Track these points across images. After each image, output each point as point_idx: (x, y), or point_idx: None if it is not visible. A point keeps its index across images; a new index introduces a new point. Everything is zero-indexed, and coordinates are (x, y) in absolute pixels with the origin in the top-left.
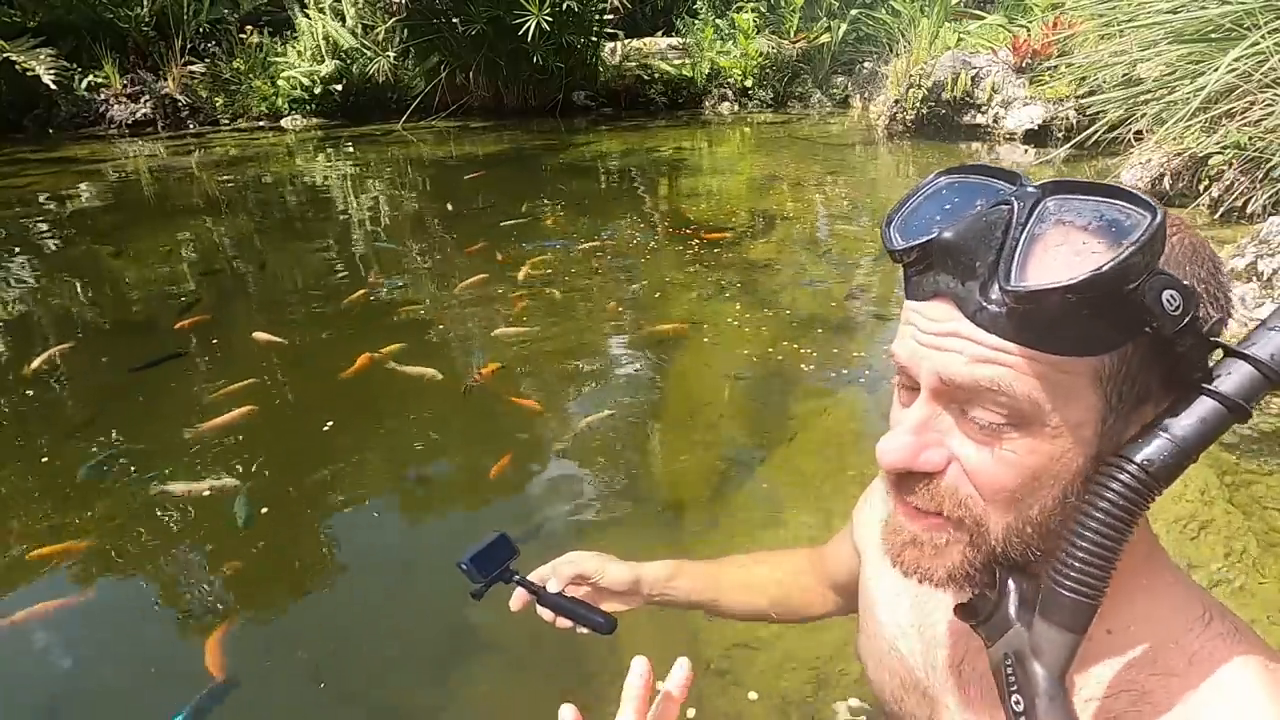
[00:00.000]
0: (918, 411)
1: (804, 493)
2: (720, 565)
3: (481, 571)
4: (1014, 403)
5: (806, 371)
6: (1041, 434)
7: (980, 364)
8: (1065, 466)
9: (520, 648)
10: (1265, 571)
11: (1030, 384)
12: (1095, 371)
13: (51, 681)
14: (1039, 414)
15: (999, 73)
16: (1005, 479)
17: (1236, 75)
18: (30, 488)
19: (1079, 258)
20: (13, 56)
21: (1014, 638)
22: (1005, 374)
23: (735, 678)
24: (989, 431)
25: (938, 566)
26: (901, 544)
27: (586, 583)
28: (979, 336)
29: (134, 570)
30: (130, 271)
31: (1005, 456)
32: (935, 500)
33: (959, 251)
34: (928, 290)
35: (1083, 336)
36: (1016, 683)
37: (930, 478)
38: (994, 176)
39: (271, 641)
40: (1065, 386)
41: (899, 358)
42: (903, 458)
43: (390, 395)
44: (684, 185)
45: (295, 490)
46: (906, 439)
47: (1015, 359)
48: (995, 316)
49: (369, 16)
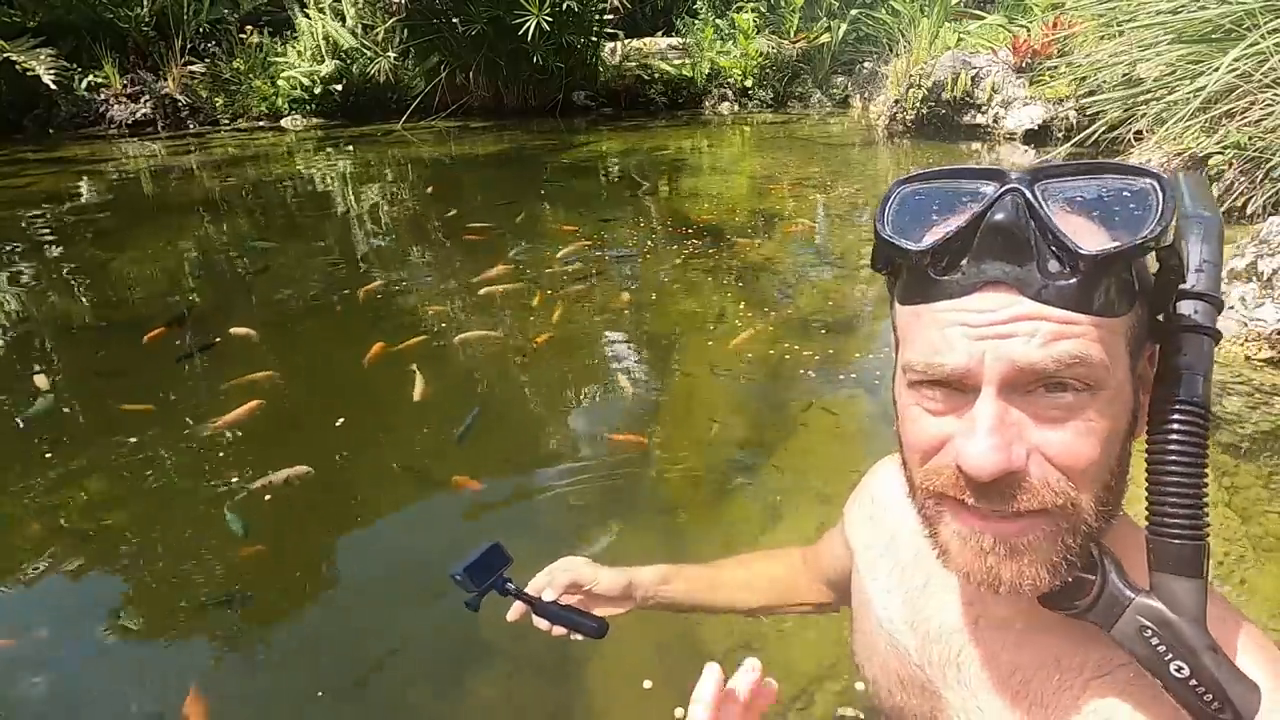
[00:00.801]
0: (989, 410)
1: (804, 493)
2: (714, 568)
3: (475, 581)
4: (1091, 371)
5: (806, 371)
6: (1105, 398)
7: (1057, 341)
8: (1123, 422)
9: (521, 651)
10: (1263, 574)
11: (1098, 349)
12: (1124, 329)
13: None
14: (1106, 377)
15: (999, 73)
16: (1089, 450)
17: (1236, 75)
18: (34, 486)
19: (1104, 227)
20: (13, 56)
21: (1143, 607)
22: (1081, 345)
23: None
24: (1064, 408)
25: (1042, 569)
26: (997, 561)
27: (580, 590)
28: (1048, 313)
29: (131, 568)
30: (130, 271)
31: (1086, 428)
32: (1035, 496)
33: (1011, 231)
34: (971, 281)
35: (1125, 295)
36: (1170, 649)
37: (1018, 478)
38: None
39: (270, 645)
40: (1114, 347)
41: (949, 364)
42: (1002, 459)
43: (390, 394)
44: (684, 185)
45: (300, 489)
46: (994, 440)
47: (1085, 328)
48: (1063, 289)
49: (369, 16)
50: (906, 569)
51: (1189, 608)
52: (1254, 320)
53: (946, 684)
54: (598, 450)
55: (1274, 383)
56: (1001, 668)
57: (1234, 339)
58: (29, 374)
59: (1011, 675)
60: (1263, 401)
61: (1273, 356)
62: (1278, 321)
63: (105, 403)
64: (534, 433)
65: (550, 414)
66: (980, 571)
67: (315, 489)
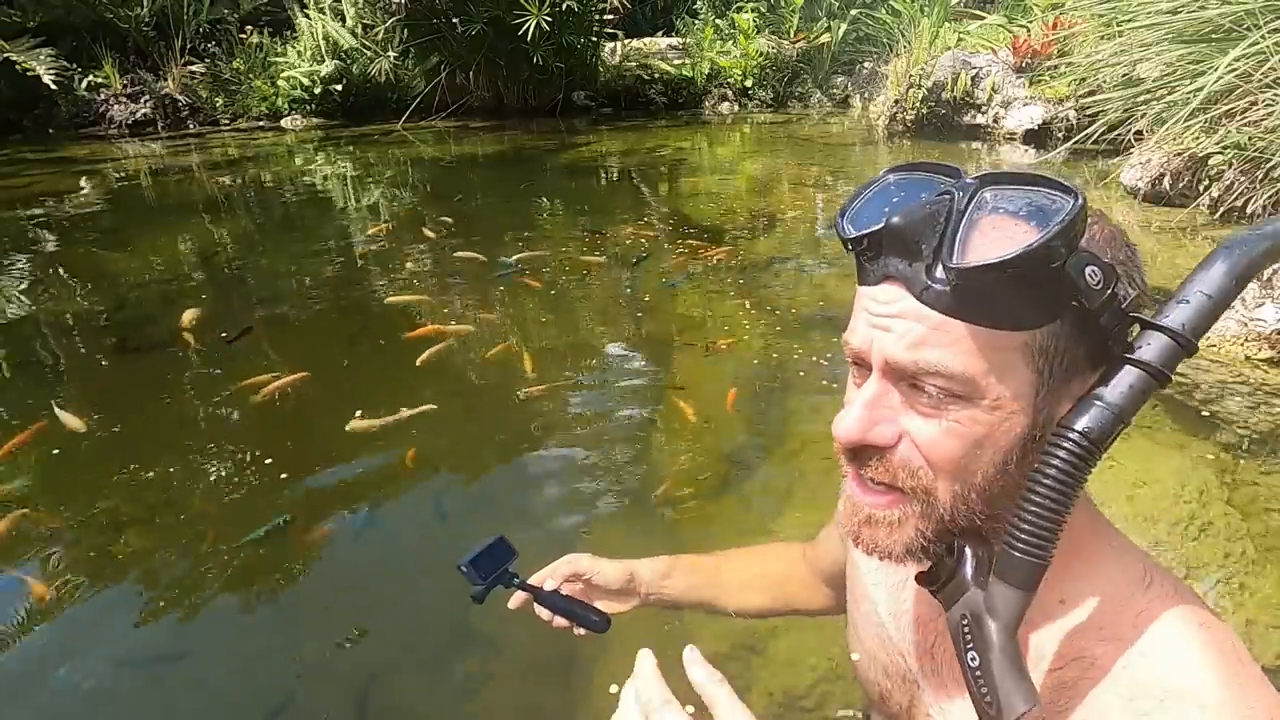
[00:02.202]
0: (869, 389)
1: (804, 492)
2: (716, 560)
3: (480, 573)
4: (952, 380)
5: (806, 371)
6: (981, 406)
7: (922, 347)
8: (1004, 435)
9: (522, 647)
10: (1264, 573)
11: (969, 360)
12: (1027, 347)
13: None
14: (978, 388)
15: (999, 73)
16: (951, 448)
17: (1236, 75)
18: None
19: (1011, 239)
20: (13, 56)
21: (970, 600)
22: (946, 355)
23: (732, 678)
24: (934, 404)
25: (895, 542)
26: (859, 523)
27: (581, 581)
28: (924, 314)
29: (128, 567)
30: (129, 271)
31: (951, 428)
32: (889, 472)
33: (906, 234)
34: (878, 274)
35: (1016, 311)
36: (972, 640)
37: (883, 452)
38: (936, 172)
39: (270, 643)
40: (1001, 361)
41: (852, 343)
42: (858, 430)
43: (389, 393)
44: (684, 185)
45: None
46: (860, 413)
47: (957, 336)
48: (940, 294)
49: (369, 16)
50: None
51: (1003, 613)
52: (1254, 320)
53: (922, 672)
54: (596, 449)
55: (1274, 383)
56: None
57: (1234, 339)
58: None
59: None
60: (1263, 401)
61: (1273, 356)
62: (1278, 321)
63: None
64: (532, 432)
65: (548, 414)
66: (849, 529)
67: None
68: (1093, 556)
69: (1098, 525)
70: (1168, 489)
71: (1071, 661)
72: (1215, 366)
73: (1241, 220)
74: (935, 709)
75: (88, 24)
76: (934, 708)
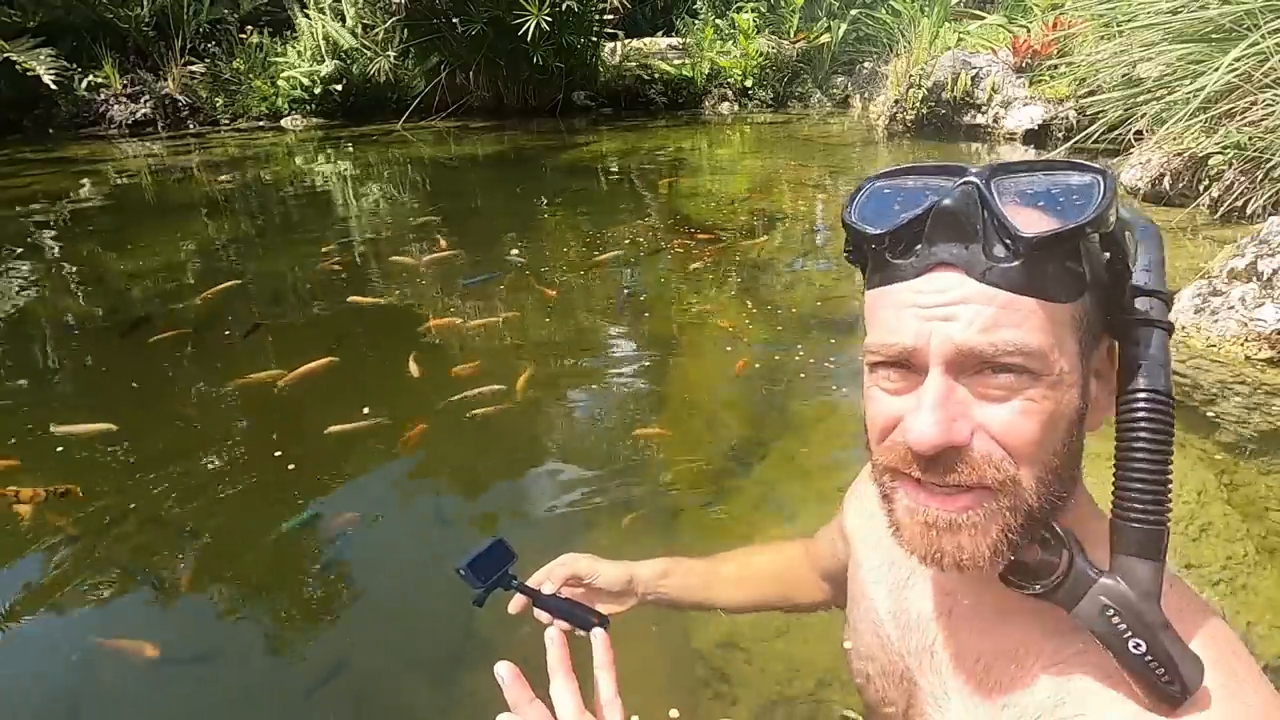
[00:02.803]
0: (935, 387)
1: (804, 492)
2: (714, 561)
3: (479, 576)
4: (1030, 357)
5: (806, 371)
6: (1049, 382)
7: (997, 328)
8: (1069, 408)
9: (523, 648)
10: (1265, 573)
11: (1040, 335)
12: (1074, 318)
13: None
14: (1048, 362)
15: (999, 73)
16: (1031, 430)
17: (1237, 75)
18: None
19: (1052, 217)
20: (13, 56)
21: (1107, 588)
22: (1020, 333)
23: (727, 678)
24: (1007, 388)
25: (982, 545)
26: (938, 535)
27: (581, 584)
28: (991, 295)
29: (128, 567)
30: (130, 271)
31: (1027, 407)
32: (975, 471)
33: (960, 216)
34: (923, 264)
35: (1069, 283)
36: (1129, 627)
37: (960, 453)
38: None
39: (268, 644)
40: (1060, 335)
41: (904, 342)
42: (942, 433)
43: (391, 390)
44: (684, 185)
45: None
46: (937, 415)
47: (1026, 313)
48: (1005, 271)
49: (369, 16)
50: (895, 563)
51: (1148, 588)
52: (1254, 320)
53: (921, 671)
54: (595, 449)
55: (1274, 383)
56: (968, 655)
57: (1234, 339)
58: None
59: (976, 662)
60: (1263, 402)
61: (1273, 356)
62: (1278, 321)
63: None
64: (532, 432)
65: (548, 413)
66: (924, 545)
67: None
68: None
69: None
70: None
71: (1072, 656)
72: (1215, 366)
73: (1241, 220)
74: (934, 710)
75: (88, 24)
76: (932, 708)
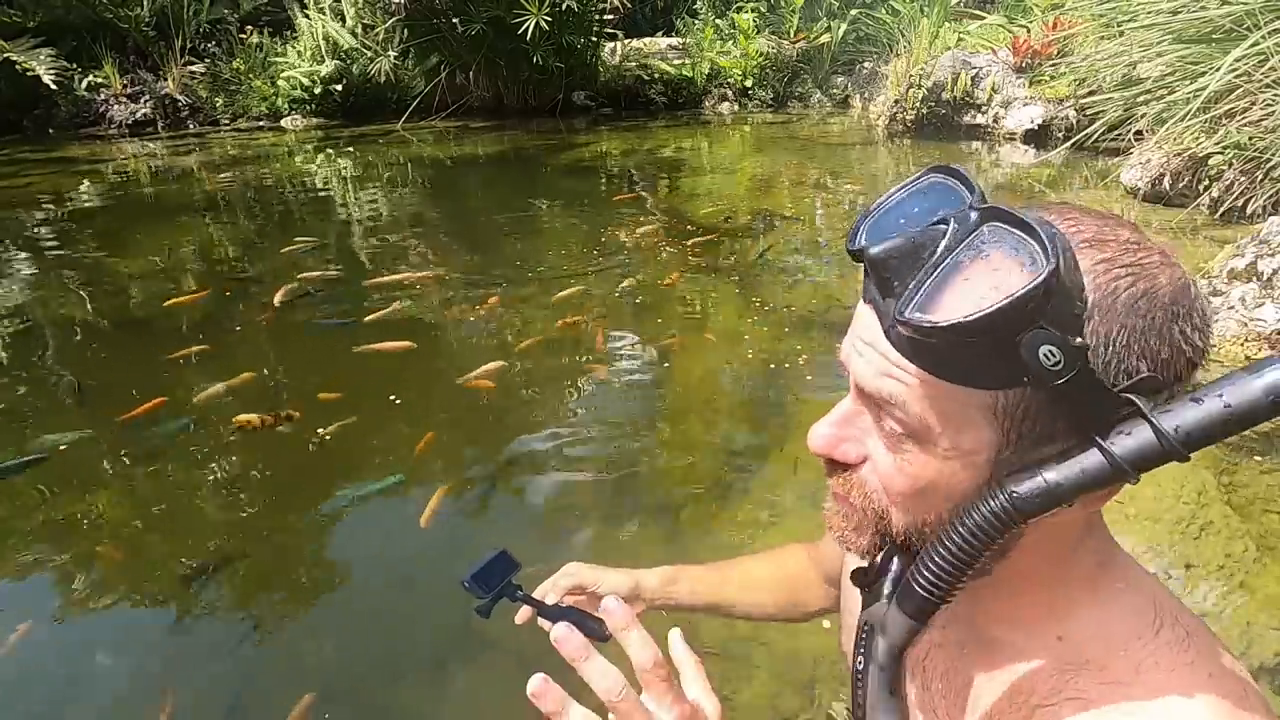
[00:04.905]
0: (843, 406)
1: (804, 493)
2: (721, 568)
3: (483, 588)
4: (908, 420)
5: (806, 371)
6: (934, 452)
7: (885, 378)
8: (955, 487)
9: (520, 650)
10: (1264, 572)
11: (924, 406)
12: (989, 405)
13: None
14: (930, 434)
15: (999, 73)
16: (901, 485)
17: (1237, 75)
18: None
19: (981, 297)
20: (13, 56)
21: (878, 610)
22: (903, 391)
23: (725, 678)
24: (893, 439)
25: (859, 541)
26: (830, 516)
27: (584, 593)
28: (888, 351)
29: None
30: (130, 271)
31: (903, 465)
32: (847, 488)
33: (882, 269)
34: (866, 295)
35: (972, 371)
36: (864, 647)
37: (849, 468)
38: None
39: (264, 644)
40: (958, 414)
41: (840, 354)
42: (823, 445)
43: (392, 390)
44: (684, 185)
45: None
46: (829, 430)
47: (913, 380)
48: (900, 337)
49: (369, 16)
50: None
51: (892, 634)
52: (1254, 320)
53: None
54: (595, 449)
55: None
56: (959, 687)
57: (1234, 339)
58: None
59: (964, 691)
60: None
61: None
62: (1278, 321)
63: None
64: (531, 432)
65: (548, 413)
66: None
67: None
68: (1098, 595)
69: (1110, 561)
70: (1167, 489)
71: (1066, 700)
72: (1215, 367)
73: (1241, 220)
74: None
75: (88, 24)
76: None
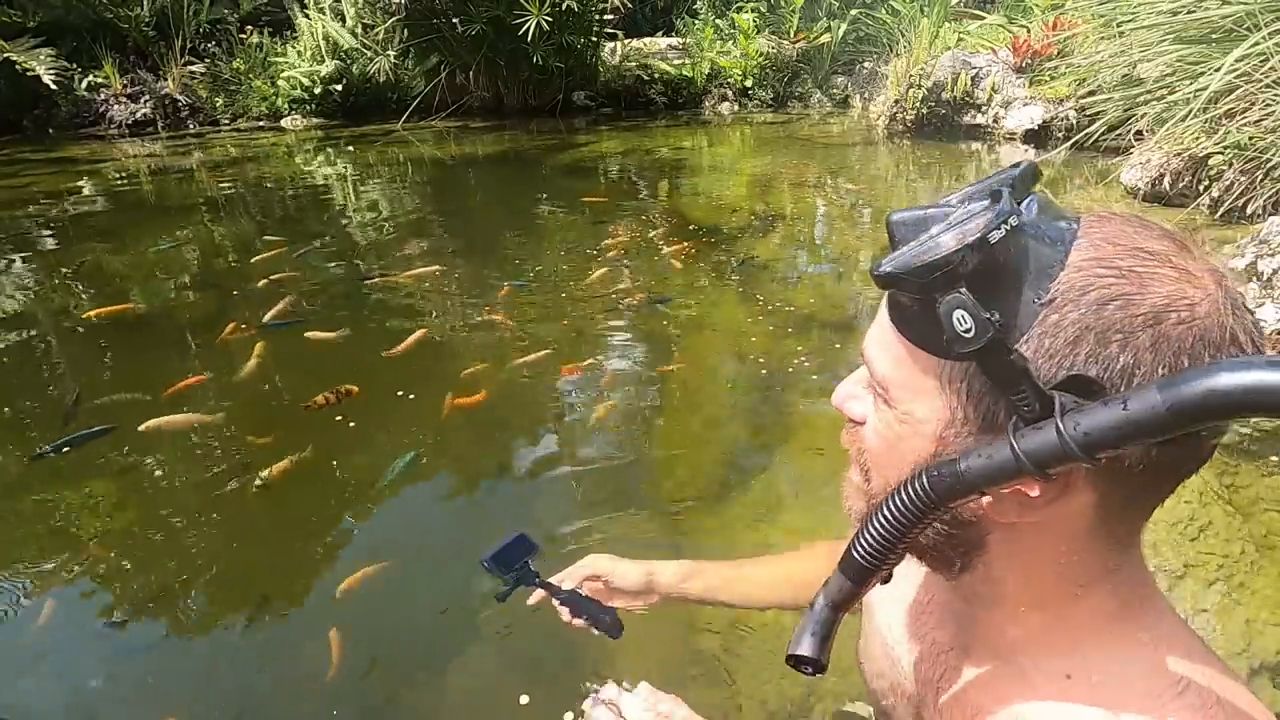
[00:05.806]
0: (863, 369)
1: (805, 492)
2: (739, 566)
3: (502, 568)
4: (877, 377)
5: (807, 371)
6: (895, 415)
7: (872, 343)
8: (907, 453)
9: (517, 641)
10: (1264, 572)
11: (890, 366)
12: (937, 372)
13: None
14: (891, 396)
15: (999, 73)
16: (874, 444)
17: (1237, 76)
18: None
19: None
20: (13, 56)
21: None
22: (878, 353)
23: (725, 677)
24: (876, 399)
25: (853, 503)
26: (845, 488)
27: (599, 581)
28: (883, 311)
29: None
30: (130, 271)
31: (876, 424)
32: (850, 441)
33: (893, 233)
34: None
35: (924, 334)
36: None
37: (856, 425)
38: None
39: (258, 636)
40: (916, 381)
41: None
42: (836, 399)
43: (390, 390)
44: (684, 185)
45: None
46: (845, 387)
47: (889, 340)
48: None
49: (369, 16)
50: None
51: (830, 591)
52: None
53: (925, 704)
54: (595, 449)
55: None
56: (969, 704)
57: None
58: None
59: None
60: None
61: None
62: (1278, 321)
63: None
64: (531, 431)
65: (548, 413)
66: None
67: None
68: (1105, 639)
69: (1137, 609)
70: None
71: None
72: None
73: (1241, 220)
74: None
75: (88, 24)
76: None
